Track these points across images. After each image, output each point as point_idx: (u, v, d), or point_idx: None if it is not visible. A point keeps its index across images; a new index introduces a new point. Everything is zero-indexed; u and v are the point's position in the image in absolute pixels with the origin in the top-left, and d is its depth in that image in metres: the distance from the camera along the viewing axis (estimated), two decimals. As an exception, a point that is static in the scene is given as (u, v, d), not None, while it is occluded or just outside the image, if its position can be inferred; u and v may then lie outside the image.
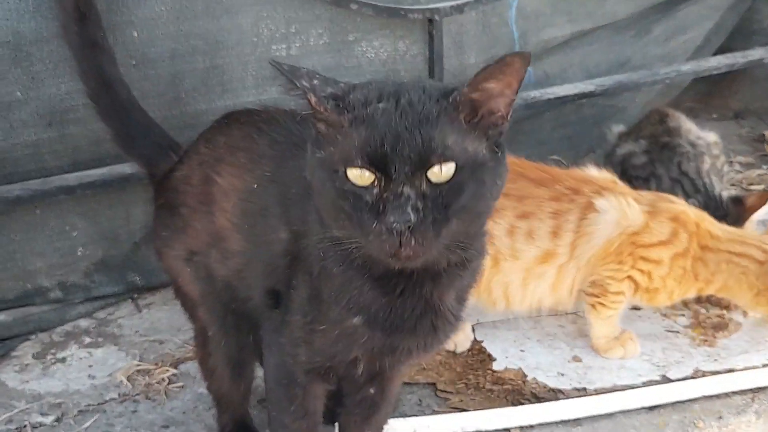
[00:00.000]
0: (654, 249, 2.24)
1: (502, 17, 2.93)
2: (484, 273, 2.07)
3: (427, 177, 1.37)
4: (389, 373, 1.80)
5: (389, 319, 1.58)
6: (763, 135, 3.60)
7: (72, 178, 2.36)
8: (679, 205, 2.32)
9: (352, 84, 1.48)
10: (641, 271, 2.25)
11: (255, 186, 1.77)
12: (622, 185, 2.35)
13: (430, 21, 2.76)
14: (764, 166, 3.38)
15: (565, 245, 2.25)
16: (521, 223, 2.24)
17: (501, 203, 2.17)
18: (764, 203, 2.58)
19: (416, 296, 1.55)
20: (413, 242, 1.35)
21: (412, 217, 1.34)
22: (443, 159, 1.36)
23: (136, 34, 2.38)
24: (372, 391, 1.85)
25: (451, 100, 1.39)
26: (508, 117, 1.44)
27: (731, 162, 3.38)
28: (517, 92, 1.42)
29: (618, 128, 3.08)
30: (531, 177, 2.29)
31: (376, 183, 1.37)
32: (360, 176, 1.38)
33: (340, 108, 1.41)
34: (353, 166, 1.38)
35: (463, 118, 1.39)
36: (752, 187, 3.19)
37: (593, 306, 2.31)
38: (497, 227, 2.22)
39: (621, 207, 2.24)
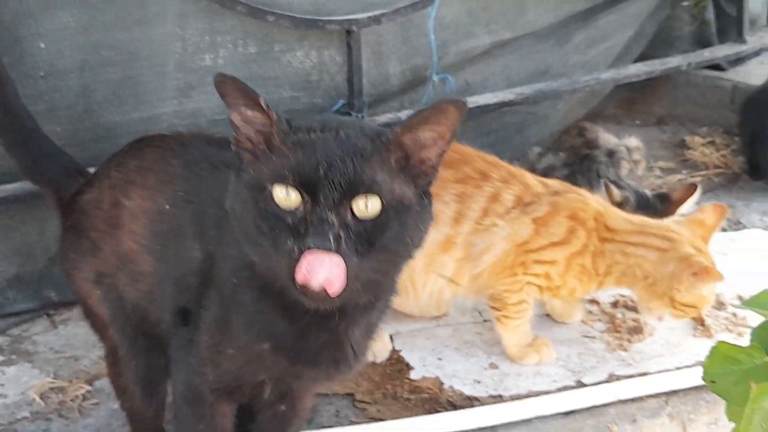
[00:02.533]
0: (546, 251, 2.24)
1: (421, 28, 2.93)
2: None
3: (352, 210, 1.36)
4: (298, 392, 1.81)
5: (295, 348, 1.57)
6: (684, 140, 3.65)
7: (-24, 193, 2.32)
8: (581, 199, 2.31)
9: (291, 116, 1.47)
10: (537, 275, 2.25)
11: (167, 207, 1.76)
12: (530, 175, 2.35)
13: (348, 32, 2.76)
14: (684, 171, 3.43)
15: (463, 235, 2.24)
16: None
17: None
18: (690, 196, 2.61)
19: (323, 329, 1.55)
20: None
21: (332, 244, 1.33)
22: (370, 192, 1.36)
23: (43, 46, 2.35)
24: (283, 407, 1.84)
25: (383, 140, 1.40)
26: (438, 167, 1.44)
27: (652, 167, 3.42)
28: (450, 143, 1.42)
29: (538, 149, 3.15)
30: None
31: (301, 206, 1.36)
32: (286, 197, 1.37)
33: (289, 131, 1.41)
34: (282, 183, 1.37)
35: (393, 160, 1.40)
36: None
37: (498, 319, 2.31)
38: None
39: (512, 224, 2.24)
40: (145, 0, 2.45)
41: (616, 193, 2.59)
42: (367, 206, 1.36)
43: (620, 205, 2.52)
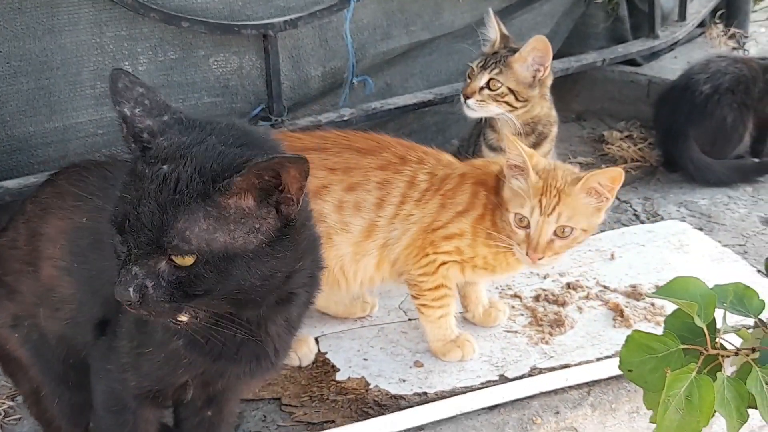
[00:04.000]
0: (451, 224, 2.25)
1: (339, 31, 2.95)
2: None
3: (161, 265, 1.37)
4: (224, 396, 1.81)
5: (209, 343, 1.56)
6: (603, 135, 3.71)
7: None
8: (486, 162, 2.36)
9: (176, 119, 1.45)
10: (447, 252, 2.26)
11: (84, 220, 1.75)
12: (437, 152, 2.37)
13: (265, 36, 2.76)
14: (603, 166, 3.48)
15: (385, 218, 2.26)
16: (349, 196, 2.24)
17: (327, 179, 2.23)
18: None
19: (236, 323, 1.53)
20: (143, 312, 1.38)
21: (133, 296, 1.35)
22: (178, 252, 1.35)
23: (-48, 58, 2.31)
24: (209, 413, 1.84)
25: (217, 186, 1.35)
26: (299, 201, 1.42)
27: (572, 163, 3.47)
28: (302, 191, 1.41)
29: (457, 142, 3.19)
30: (358, 147, 2.29)
31: (123, 245, 1.39)
32: (115, 238, 1.40)
33: (140, 153, 1.41)
34: (111, 221, 1.39)
35: (230, 204, 1.36)
36: (591, 186, 3.27)
37: (419, 310, 2.34)
38: (326, 205, 2.23)
39: (422, 209, 2.26)
40: (56, 9, 2.43)
41: None
42: (178, 259, 1.36)
43: None
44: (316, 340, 2.43)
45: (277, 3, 2.81)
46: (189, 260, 1.35)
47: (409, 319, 2.53)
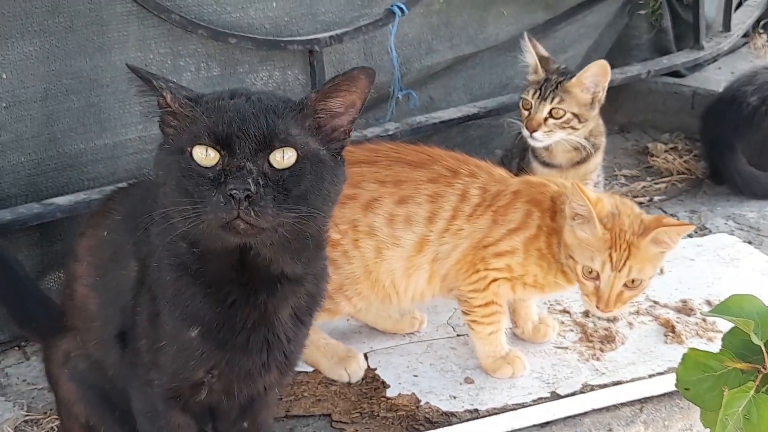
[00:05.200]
0: (503, 241, 2.24)
1: (383, 45, 2.95)
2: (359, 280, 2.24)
3: (269, 162, 1.45)
4: (254, 406, 1.83)
5: (222, 331, 1.60)
6: (647, 147, 3.69)
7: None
8: (542, 182, 2.33)
9: (206, 93, 1.57)
10: (498, 269, 2.25)
11: (105, 234, 1.81)
12: (489, 166, 2.36)
13: (311, 52, 2.77)
14: (648, 178, 3.47)
15: (436, 232, 2.25)
16: (400, 209, 2.24)
17: (378, 192, 2.23)
18: None
19: (249, 306, 1.59)
20: (251, 213, 1.41)
21: (252, 187, 1.41)
22: (285, 144, 1.45)
23: (5, 76, 2.33)
24: (245, 424, 1.86)
25: (297, 103, 1.50)
26: (350, 133, 1.54)
27: (616, 175, 3.46)
28: (361, 110, 1.53)
29: (500, 152, 3.17)
30: (409, 159, 2.29)
31: (219, 161, 1.44)
32: (205, 156, 1.45)
33: (193, 103, 1.49)
34: (199, 144, 1.45)
35: (308, 124, 1.50)
36: (637, 199, 3.25)
37: (470, 326, 2.33)
38: (377, 218, 2.23)
39: (474, 223, 2.26)
40: (106, 27, 2.45)
41: None
42: (284, 157, 1.45)
43: None
44: (365, 356, 2.42)
45: (322, 18, 2.83)
46: (292, 157, 1.45)
47: (458, 335, 2.52)
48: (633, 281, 2.16)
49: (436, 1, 3.10)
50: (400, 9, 2.90)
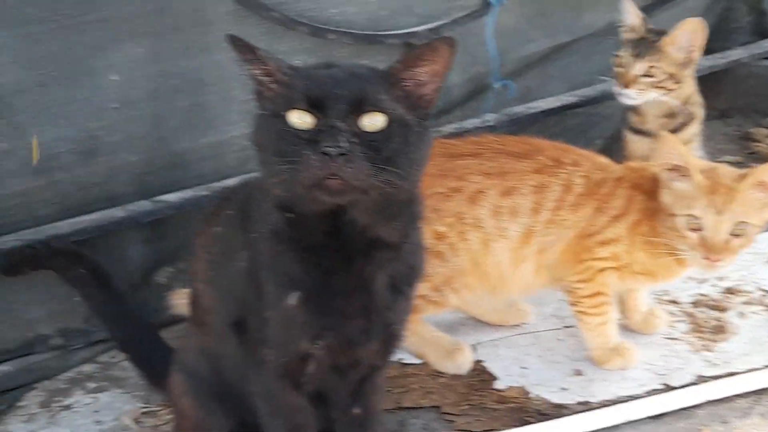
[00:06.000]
0: (607, 229, 2.22)
1: (480, 37, 2.94)
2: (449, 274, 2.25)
3: (359, 125, 1.49)
4: (363, 390, 1.85)
5: (321, 297, 1.63)
6: (750, 133, 3.60)
7: (64, 225, 2.36)
8: (644, 165, 2.31)
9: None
10: (603, 258, 2.23)
11: (217, 229, 1.85)
12: (592, 154, 2.34)
13: (408, 45, 2.77)
14: (752, 164, 3.38)
15: (541, 223, 2.24)
16: (505, 201, 2.24)
17: (483, 184, 2.23)
18: None
19: (345, 271, 1.62)
20: (344, 168, 1.45)
21: (344, 144, 1.46)
22: (375, 108, 1.49)
23: (116, 78, 2.39)
24: (358, 410, 1.87)
25: (384, 71, 1.56)
26: (435, 101, 1.57)
27: (718, 161, 3.38)
28: (444, 79, 1.56)
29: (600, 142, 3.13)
30: (512, 151, 2.29)
31: (314, 124, 1.49)
32: (300, 119, 1.50)
33: (292, 71, 1.56)
34: (294, 108, 1.50)
35: (394, 92, 1.53)
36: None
37: (578, 317, 2.31)
38: (482, 210, 2.23)
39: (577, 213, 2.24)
40: (210, 27, 2.49)
41: None
42: (373, 120, 1.49)
43: None
44: (473, 348, 2.42)
45: (418, 12, 2.82)
46: (382, 121, 1.50)
47: (565, 327, 2.50)
48: (739, 227, 2.11)
49: (532, -10, 3.08)
50: (497, -1, 2.89)
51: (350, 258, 1.61)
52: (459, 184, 2.25)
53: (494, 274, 2.27)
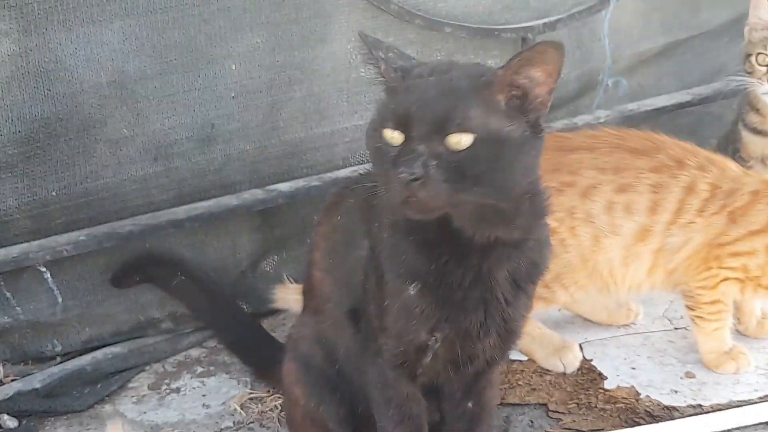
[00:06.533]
0: (743, 242, 2.18)
1: (595, 32, 2.91)
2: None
3: (446, 143, 1.47)
4: (478, 384, 1.83)
5: (439, 288, 1.63)
6: None
7: (180, 211, 2.41)
8: None
9: (421, 62, 1.62)
10: (732, 268, 2.19)
11: (339, 218, 1.88)
12: (725, 160, 2.29)
13: (524, 39, 2.76)
14: None
15: (661, 224, 2.20)
16: (619, 197, 2.21)
17: (597, 179, 2.20)
18: None
19: (464, 266, 1.61)
20: (420, 192, 1.46)
21: (418, 170, 1.45)
22: (461, 129, 1.47)
23: (234, 67, 2.43)
24: (470, 404, 1.86)
25: (485, 80, 1.51)
26: (548, 103, 1.53)
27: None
28: (557, 80, 1.52)
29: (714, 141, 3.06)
30: (631, 146, 2.26)
31: (402, 141, 1.49)
32: (392, 136, 1.50)
33: (402, 77, 1.54)
34: (386, 127, 1.50)
35: (496, 99, 1.50)
36: None
37: (694, 321, 2.27)
38: (595, 205, 2.21)
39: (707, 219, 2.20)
40: (328, 18, 2.51)
41: None
42: (460, 140, 1.46)
43: None
44: (580, 346, 2.40)
45: (535, 6, 2.81)
46: (467, 140, 1.47)
47: (676, 328, 2.47)
48: None
49: (649, -14, 3.04)
50: (615, -5, 2.86)
51: (467, 253, 1.61)
52: (572, 179, 2.23)
53: (605, 271, 2.24)
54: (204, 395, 2.37)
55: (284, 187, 2.53)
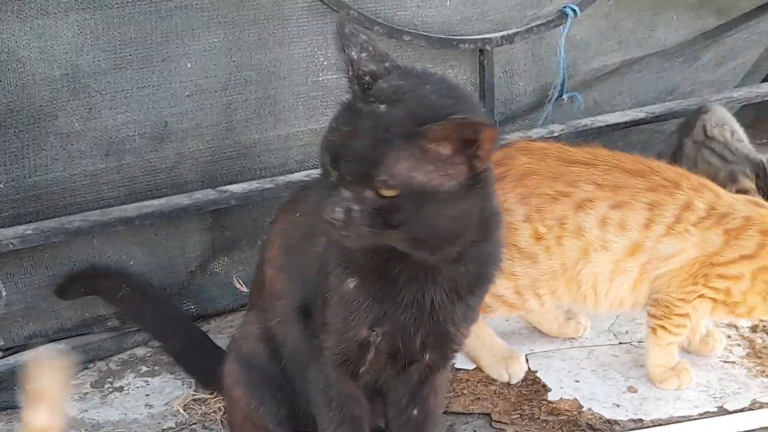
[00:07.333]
0: (733, 265, 2.20)
1: (552, 47, 2.94)
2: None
3: (368, 192, 1.46)
4: (422, 391, 1.83)
5: (377, 284, 1.63)
6: None
7: (130, 209, 2.38)
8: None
9: (394, 66, 1.56)
10: (716, 289, 2.22)
11: (297, 215, 1.87)
12: (713, 185, 2.31)
13: (482, 51, 2.78)
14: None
15: (653, 239, 2.22)
16: (614, 213, 2.22)
17: (594, 194, 2.21)
18: None
19: (402, 264, 1.60)
20: (344, 233, 1.47)
21: (340, 216, 1.45)
22: (385, 186, 1.45)
23: (189, 66, 2.41)
24: (414, 411, 1.86)
25: (418, 133, 1.44)
26: (486, 161, 1.49)
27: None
28: (484, 158, 1.48)
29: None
30: (627, 168, 2.27)
31: (335, 176, 1.48)
32: (328, 169, 1.49)
33: (362, 92, 1.50)
34: (324, 157, 1.50)
35: (431, 148, 1.45)
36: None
37: (653, 330, 2.29)
38: (588, 219, 2.22)
39: (704, 233, 2.22)
40: (286, 21, 2.50)
41: None
42: (384, 191, 1.45)
43: None
44: (526, 357, 2.41)
45: (493, 18, 2.82)
46: (391, 192, 1.45)
47: (620, 343, 2.49)
48: None
49: (606, 3, 3.06)
50: (573, 10, 2.88)
51: (406, 255, 1.58)
52: (568, 190, 2.24)
53: (587, 284, 2.25)
54: (147, 395, 2.35)
55: (237, 188, 2.51)
